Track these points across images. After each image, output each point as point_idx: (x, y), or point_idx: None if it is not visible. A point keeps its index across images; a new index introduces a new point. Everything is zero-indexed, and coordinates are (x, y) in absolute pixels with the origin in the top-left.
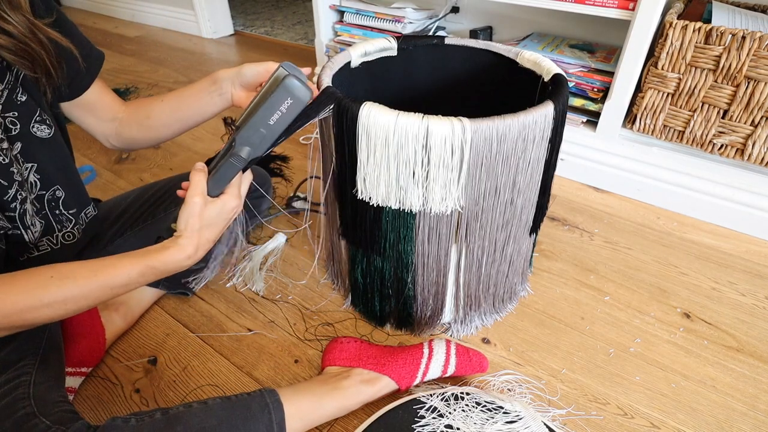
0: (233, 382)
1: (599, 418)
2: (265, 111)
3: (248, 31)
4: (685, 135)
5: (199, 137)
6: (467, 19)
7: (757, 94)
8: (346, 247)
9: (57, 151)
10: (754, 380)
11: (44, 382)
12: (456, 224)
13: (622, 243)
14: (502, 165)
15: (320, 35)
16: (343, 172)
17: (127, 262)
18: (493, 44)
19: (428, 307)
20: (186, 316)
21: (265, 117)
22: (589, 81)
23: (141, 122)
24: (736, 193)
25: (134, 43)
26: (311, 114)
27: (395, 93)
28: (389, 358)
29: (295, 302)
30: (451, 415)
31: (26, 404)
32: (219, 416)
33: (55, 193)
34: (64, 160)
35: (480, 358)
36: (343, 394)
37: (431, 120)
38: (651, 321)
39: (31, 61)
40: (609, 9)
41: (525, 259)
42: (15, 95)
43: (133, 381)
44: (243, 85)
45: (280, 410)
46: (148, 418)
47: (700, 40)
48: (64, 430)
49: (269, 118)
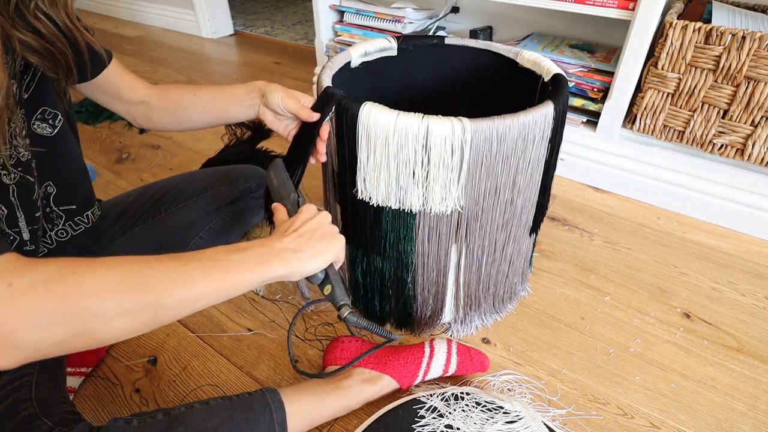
0: (233, 382)
1: (599, 418)
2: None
3: (248, 31)
4: (685, 135)
5: (199, 137)
6: (467, 19)
7: (757, 94)
8: (346, 247)
9: (56, 149)
10: (754, 380)
11: (46, 383)
12: (456, 224)
13: (622, 243)
14: (502, 165)
15: (320, 35)
16: (343, 173)
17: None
18: (493, 44)
19: (428, 307)
20: (186, 316)
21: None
22: (589, 81)
23: (172, 110)
24: (736, 193)
25: (134, 43)
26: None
27: (395, 93)
28: (390, 357)
29: (295, 302)
30: (451, 415)
31: (28, 405)
32: (220, 416)
33: (47, 189)
34: (64, 159)
35: (481, 357)
36: (345, 393)
37: (431, 120)
38: (651, 321)
39: (55, 63)
40: (609, 9)
41: (525, 259)
42: (23, 92)
43: (133, 381)
44: (268, 107)
45: (282, 410)
46: (149, 418)
47: (700, 40)
48: (67, 431)
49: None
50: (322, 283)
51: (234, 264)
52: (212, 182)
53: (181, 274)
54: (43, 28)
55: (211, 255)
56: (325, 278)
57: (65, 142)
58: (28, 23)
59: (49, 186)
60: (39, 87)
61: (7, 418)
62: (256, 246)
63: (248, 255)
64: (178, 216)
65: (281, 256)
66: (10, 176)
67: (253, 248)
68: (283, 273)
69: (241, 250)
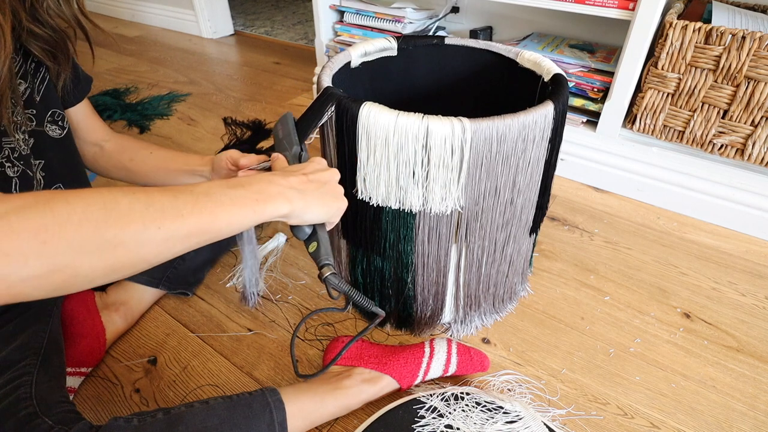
0: (233, 382)
1: (599, 418)
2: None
3: (248, 31)
4: (685, 135)
5: (199, 137)
6: (467, 19)
7: (757, 94)
8: (346, 247)
9: (65, 151)
10: (754, 380)
11: (46, 382)
12: (456, 224)
13: (622, 243)
14: (502, 165)
15: (320, 35)
16: (343, 172)
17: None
18: (493, 44)
19: (428, 307)
20: (186, 316)
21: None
22: (589, 81)
23: (123, 163)
24: (736, 193)
25: (134, 43)
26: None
27: (395, 93)
28: (390, 357)
29: (295, 302)
30: (451, 415)
31: (28, 404)
32: (221, 416)
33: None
34: (72, 160)
35: (481, 357)
36: (345, 393)
37: (431, 120)
38: (651, 321)
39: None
40: (609, 9)
41: (525, 259)
42: (35, 94)
43: (133, 381)
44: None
45: (282, 409)
46: (150, 418)
47: (700, 40)
48: (67, 430)
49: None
50: (309, 239)
51: (232, 200)
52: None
53: (169, 206)
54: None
55: (206, 189)
56: (313, 233)
57: (73, 143)
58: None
59: (60, 187)
60: (48, 88)
61: (7, 416)
62: (260, 182)
63: (249, 191)
64: None
65: (285, 195)
66: (13, 169)
67: (256, 183)
68: (284, 212)
69: (240, 186)
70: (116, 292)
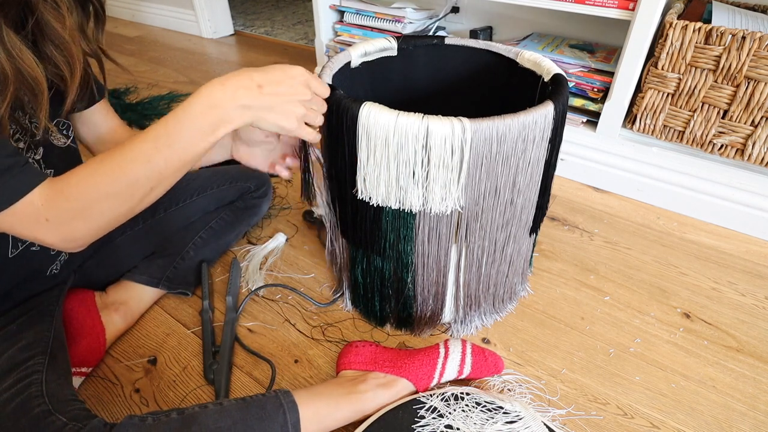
0: (233, 382)
1: (599, 418)
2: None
3: (248, 31)
4: (685, 135)
5: None
6: (467, 19)
7: (757, 94)
8: (346, 247)
9: (71, 159)
10: (754, 380)
11: (55, 380)
12: (456, 224)
13: (622, 243)
14: (502, 165)
15: (320, 35)
16: (343, 172)
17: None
18: (493, 44)
19: (428, 307)
20: (186, 316)
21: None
22: (589, 81)
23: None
24: (736, 193)
25: (134, 43)
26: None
27: (395, 93)
28: (405, 360)
29: (295, 302)
30: (451, 415)
31: (41, 402)
32: (234, 417)
33: None
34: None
35: (495, 358)
36: (360, 398)
37: (431, 120)
38: (651, 321)
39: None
40: (609, 9)
41: (525, 259)
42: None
43: (133, 381)
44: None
45: (295, 411)
46: (164, 417)
47: (700, 40)
48: (81, 427)
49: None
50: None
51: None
52: (211, 182)
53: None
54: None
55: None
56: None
57: (77, 150)
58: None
59: None
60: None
61: (21, 414)
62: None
63: (196, 125)
64: (178, 215)
65: (229, 118)
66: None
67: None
68: (231, 129)
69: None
70: (116, 292)
